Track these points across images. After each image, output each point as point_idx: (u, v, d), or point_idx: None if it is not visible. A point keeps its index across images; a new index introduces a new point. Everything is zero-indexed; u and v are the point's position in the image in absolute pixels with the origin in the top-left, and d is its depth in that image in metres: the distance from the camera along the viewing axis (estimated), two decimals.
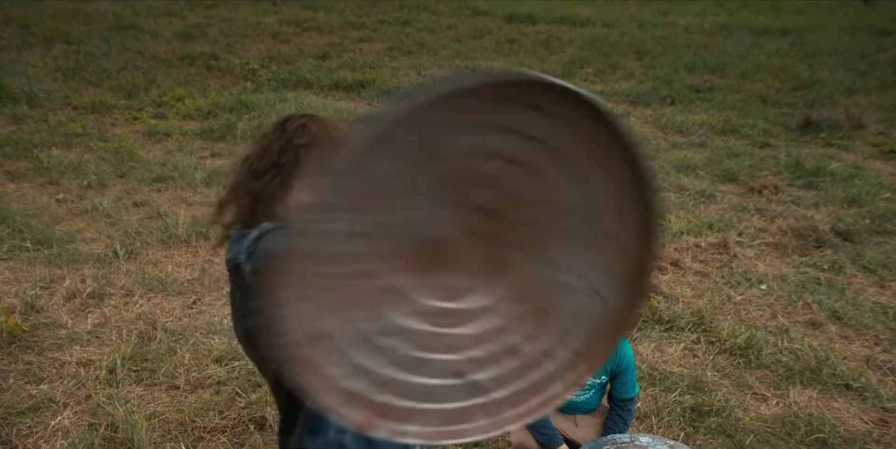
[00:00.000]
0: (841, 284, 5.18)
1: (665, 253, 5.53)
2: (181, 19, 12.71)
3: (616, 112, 1.33)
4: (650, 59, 11.33)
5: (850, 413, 3.84)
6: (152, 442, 3.45)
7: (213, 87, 9.45)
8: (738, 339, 4.39)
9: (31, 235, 5.62)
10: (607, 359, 1.34)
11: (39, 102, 8.67)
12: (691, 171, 7.23)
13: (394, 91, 9.52)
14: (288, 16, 13.20)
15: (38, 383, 3.89)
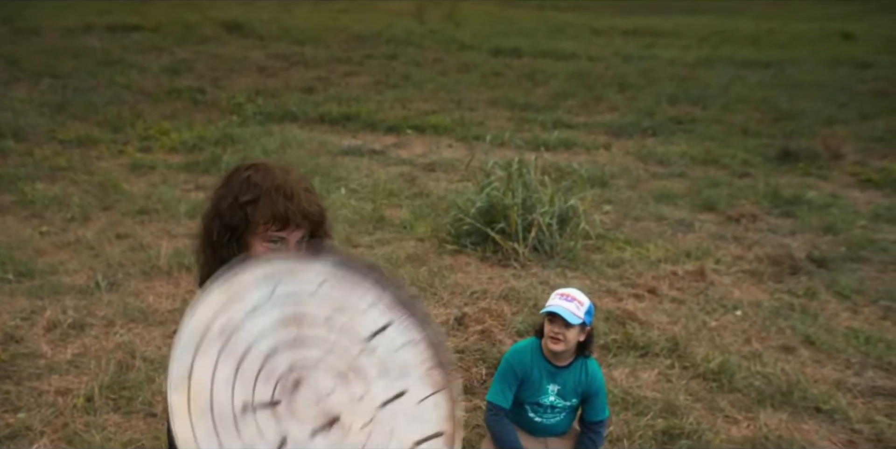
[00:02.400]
0: (815, 309, 5.25)
1: (643, 281, 5.60)
2: (169, 54, 12.88)
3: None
4: (633, 91, 11.51)
5: (820, 435, 3.89)
6: None
7: (199, 121, 9.56)
8: (712, 363, 4.44)
9: (14, 267, 5.65)
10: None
11: (25, 136, 8.75)
12: (671, 200, 7.32)
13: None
14: (275, 50, 13.38)
15: (16, 412, 3.90)
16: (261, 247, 1.84)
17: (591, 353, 3.35)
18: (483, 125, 9.72)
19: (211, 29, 14.90)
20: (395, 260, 5.79)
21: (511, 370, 3.30)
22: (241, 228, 1.83)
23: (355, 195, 7.22)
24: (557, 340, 3.18)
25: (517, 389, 3.30)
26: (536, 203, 6.06)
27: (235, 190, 1.84)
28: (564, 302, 3.18)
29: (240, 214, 1.82)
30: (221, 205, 1.84)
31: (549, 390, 3.29)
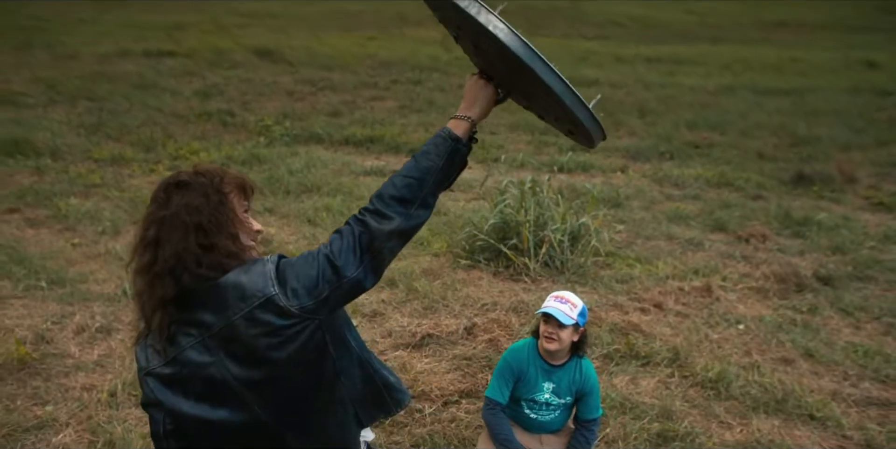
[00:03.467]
0: (817, 324, 5.37)
1: (649, 296, 5.75)
2: (201, 79, 13.28)
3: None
4: (653, 117, 11.69)
5: (811, 440, 4.01)
6: None
7: (228, 142, 9.88)
8: (710, 373, 4.58)
9: (46, 276, 5.93)
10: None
11: (62, 155, 9.12)
12: (683, 221, 7.47)
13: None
14: (304, 76, 13.75)
15: (44, 405, 4.15)
16: (249, 223, 1.99)
17: (584, 353, 3.52)
18: (502, 148, 9.95)
19: (242, 55, 15.33)
20: (411, 274, 5.99)
21: (508, 368, 3.48)
22: (226, 215, 1.90)
23: None
24: (552, 340, 3.35)
25: (514, 386, 3.48)
26: (548, 220, 6.26)
27: (202, 188, 1.91)
28: (559, 304, 3.36)
29: (217, 201, 1.89)
30: (189, 211, 1.88)
31: (545, 388, 3.46)
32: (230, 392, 1.90)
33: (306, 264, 1.87)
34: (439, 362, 4.80)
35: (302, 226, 7.12)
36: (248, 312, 1.83)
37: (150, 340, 1.93)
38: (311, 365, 1.91)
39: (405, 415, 4.22)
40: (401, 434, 4.06)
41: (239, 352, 1.87)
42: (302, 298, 1.84)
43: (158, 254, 1.87)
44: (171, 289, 1.86)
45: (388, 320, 5.30)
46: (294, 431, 1.96)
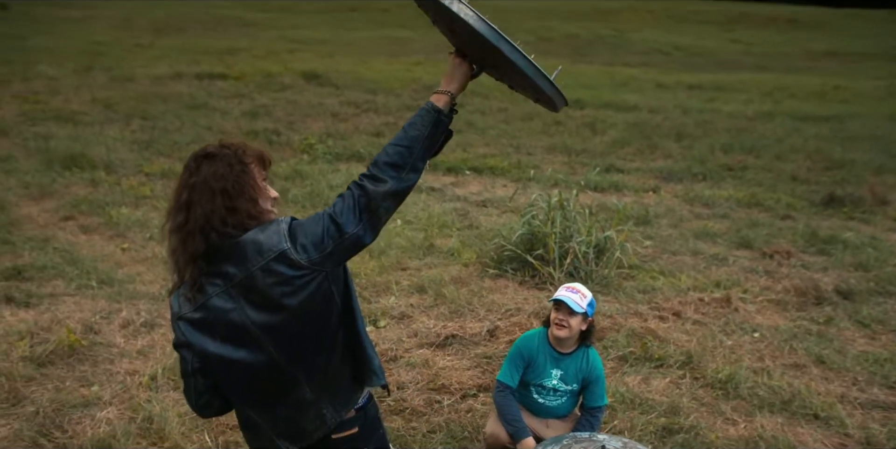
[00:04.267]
0: (832, 334, 5.50)
1: (669, 305, 5.92)
2: (250, 100, 13.79)
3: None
4: (689, 140, 11.84)
5: (813, 437, 4.16)
6: (181, 433, 3.97)
7: (273, 159, 10.27)
8: (720, 374, 4.75)
9: (97, 276, 6.32)
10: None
11: (115, 169, 9.59)
12: (709, 238, 7.62)
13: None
14: (349, 98, 14.18)
15: (90, 386, 4.48)
16: (267, 190, 2.29)
17: (591, 343, 3.75)
18: (538, 168, 10.19)
19: (291, 78, 15.85)
20: (440, 281, 6.24)
21: (519, 354, 3.72)
22: (247, 182, 2.20)
23: (410, 226, 7.73)
24: (562, 327, 3.60)
25: (524, 372, 3.71)
26: (574, 233, 6.48)
27: (227, 159, 2.20)
28: (570, 293, 3.62)
29: (239, 170, 2.19)
30: (217, 178, 2.17)
31: (553, 374, 3.69)
32: (249, 335, 2.20)
33: (313, 223, 2.16)
34: (461, 360, 5.03)
35: None
36: (265, 264, 2.13)
37: (182, 290, 2.23)
38: (318, 313, 2.20)
39: (424, 405, 4.46)
40: (419, 421, 4.30)
41: (257, 299, 2.16)
42: (310, 251, 2.13)
43: (190, 215, 2.18)
44: (200, 245, 2.17)
45: (415, 322, 5.56)
46: (303, 370, 2.24)
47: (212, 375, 2.28)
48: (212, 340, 2.23)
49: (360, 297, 5.94)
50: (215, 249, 2.18)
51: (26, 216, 7.95)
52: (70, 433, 3.99)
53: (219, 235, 2.17)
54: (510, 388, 3.70)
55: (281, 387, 2.29)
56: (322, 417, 2.32)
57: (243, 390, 2.32)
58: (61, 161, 9.79)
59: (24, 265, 6.48)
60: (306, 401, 2.30)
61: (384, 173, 2.20)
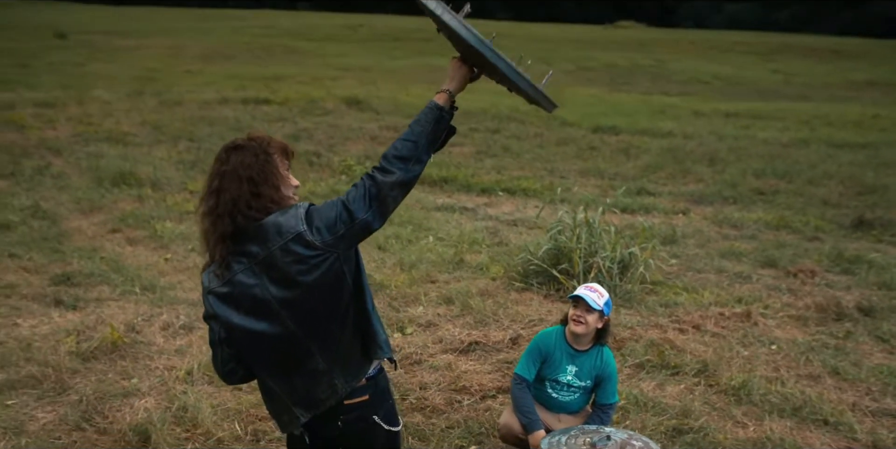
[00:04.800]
0: (849, 348, 5.59)
1: (689, 318, 6.06)
2: (293, 124, 14.22)
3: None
4: (721, 165, 11.95)
5: (821, 441, 4.28)
6: (214, 421, 4.22)
7: (312, 179, 10.62)
8: (734, 381, 4.88)
9: (140, 283, 6.65)
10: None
11: (161, 187, 9.99)
12: (735, 257, 7.73)
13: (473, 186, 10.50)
14: (388, 122, 14.53)
15: (130, 379, 4.76)
16: (289, 178, 2.54)
17: (606, 342, 3.94)
18: (570, 190, 10.38)
19: (333, 103, 16.29)
20: (467, 293, 6.44)
21: (537, 349, 3.93)
22: (270, 171, 2.45)
23: (441, 243, 7.96)
24: (579, 323, 3.81)
25: (540, 367, 3.91)
26: (599, 249, 6.66)
27: (253, 150, 2.47)
28: (588, 291, 3.84)
29: (264, 160, 2.45)
30: (245, 167, 2.43)
31: (568, 370, 3.89)
32: (269, 309, 2.44)
33: (328, 209, 2.42)
34: (482, 365, 5.23)
35: (372, 251, 7.68)
36: (283, 244, 2.38)
37: (212, 268, 2.49)
38: (331, 290, 2.44)
39: (445, 404, 4.66)
40: (438, 418, 4.50)
41: (277, 276, 2.42)
42: (324, 234, 2.38)
43: (220, 200, 2.44)
44: (228, 227, 2.43)
45: (441, 330, 5.77)
46: (317, 342, 2.48)
47: (235, 345, 2.53)
48: (236, 313, 2.48)
49: (389, 306, 6.22)
50: (242, 230, 2.43)
51: (76, 229, 8.35)
52: (110, 419, 4.26)
53: (244, 218, 2.42)
54: (527, 381, 3.90)
55: (297, 358, 2.52)
56: (333, 386, 2.55)
57: (263, 360, 2.56)
58: (111, 179, 10.23)
59: (72, 272, 6.83)
60: (319, 371, 2.53)
61: (393, 165, 2.44)
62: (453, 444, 4.22)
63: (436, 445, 4.19)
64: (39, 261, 7.17)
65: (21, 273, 6.86)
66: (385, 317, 5.96)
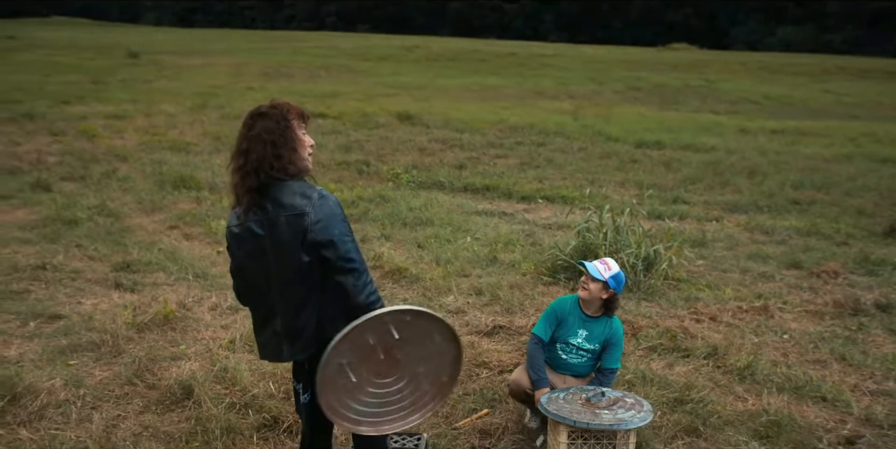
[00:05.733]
0: (860, 339, 5.80)
1: (708, 311, 6.33)
2: (345, 136, 14.80)
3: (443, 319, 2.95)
4: (760, 178, 12.12)
5: (815, 414, 4.53)
6: (251, 381, 4.65)
7: (360, 185, 11.12)
8: (740, 362, 5.14)
9: (193, 272, 7.15)
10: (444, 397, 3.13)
11: (217, 190, 10.57)
12: (762, 259, 7.95)
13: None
14: (437, 136, 15.02)
15: (178, 346, 5.23)
16: (305, 140, 3.03)
17: (613, 313, 4.29)
18: (608, 198, 10.67)
19: (385, 118, 16.85)
20: (497, 285, 6.80)
21: (553, 313, 4.31)
22: (289, 136, 2.95)
23: (478, 242, 8.34)
24: (583, 289, 4.20)
25: (555, 329, 4.27)
26: (624, 246, 6.98)
27: (275, 117, 2.96)
28: (598, 263, 4.23)
29: (284, 126, 2.95)
30: (267, 132, 2.92)
31: (579, 333, 4.25)
32: (265, 259, 2.97)
33: (334, 218, 2.91)
34: (504, 345, 5.59)
35: (412, 249, 8.09)
36: (288, 215, 2.90)
37: (237, 210, 3.00)
38: (304, 270, 2.94)
39: (465, 376, 5.02)
40: (458, 385, 4.85)
41: (276, 235, 2.93)
42: (315, 222, 2.88)
43: (247, 159, 2.95)
44: (254, 182, 2.92)
45: (468, 315, 6.14)
46: (280, 306, 3.02)
47: (241, 277, 3.11)
48: (241, 252, 3.03)
49: (422, 296, 6.61)
50: (265, 185, 2.92)
51: (138, 225, 8.94)
52: (158, 377, 4.73)
53: (266, 176, 2.93)
54: (543, 341, 4.26)
55: (265, 313, 3.09)
56: (280, 350, 3.08)
57: (251, 299, 3.16)
58: (172, 182, 10.88)
59: (132, 261, 7.38)
60: (276, 332, 3.06)
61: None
62: (467, 407, 4.58)
63: (451, 408, 4.55)
64: (103, 251, 7.73)
65: (86, 261, 7.43)
66: (416, 304, 6.36)
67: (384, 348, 2.86)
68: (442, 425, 4.34)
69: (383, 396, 2.96)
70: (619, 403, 3.82)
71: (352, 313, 2.86)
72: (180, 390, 4.50)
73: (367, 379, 2.90)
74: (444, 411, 4.52)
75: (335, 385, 2.83)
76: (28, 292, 6.48)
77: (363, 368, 2.86)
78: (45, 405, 4.26)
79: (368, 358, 2.86)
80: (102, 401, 4.45)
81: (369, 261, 7.53)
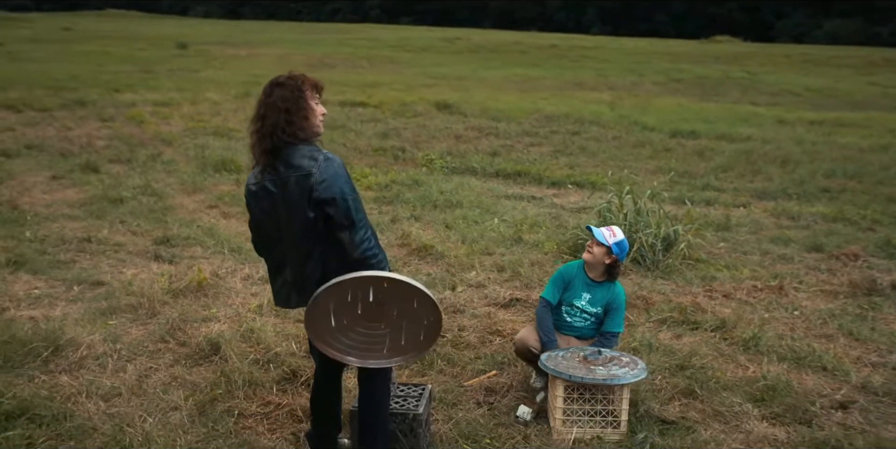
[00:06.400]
0: (871, 316, 5.91)
1: (722, 289, 6.49)
2: (384, 124, 15.09)
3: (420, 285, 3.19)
4: (793, 166, 12.13)
5: (813, 382, 4.69)
6: (274, 341, 4.96)
7: (395, 170, 11.40)
8: (745, 333, 5.31)
9: (229, 246, 7.48)
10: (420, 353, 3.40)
11: None
12: (783, 243, 8.04)
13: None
14: (474, 124, 15.24)
15: (209, 310, 5.56)
16: (316, 108, 3.32)
17: (616, 278, 4.51)
18: (638, 185, 10.80)
19: (423, 107, 17.11)
20: (519, 263, 7.03)
21: (561, 277, 4.56)
22: (302, 105, 3.26)
23: (504, 224, 8.56)
24: (588, 252, 4.44)
25: (562, 293, 4.50)
26: (644, 226, 7.16)
27: (290, 87, 3.27)
28: (604, 230, 4.46)
29: (298, 95, 3.27)
30: (283, 100, 3.24)
31: (583, 296, 4.49)
32: (277, 212, 3.27)
33: (338, 178, 3.21)
34: (519, 316, 5.82)
35: (440, 229, 8.34)
36: (297, 175, 3.20)
37: (256, 169, 3.27)
38: (309, 224, 3.23)
39: (478, 342, 5.28)
40: (469, 351, 5.12)
41: (287, 193, 3.24)
42: (320, 182, 3.17)
43: (264, 123, 3.27)
44: (268, 144, 3.24)
45: (487, 289, 6.38)
46: (290, 257, 3.34)
47: (258, 232, 3.44)
48: (257, 208, 3.35)
49: (446, 271, 6.86)
50: (279, 147, 3.24)
51: (179, 204, 9.32)
52: (189, 335, 5.06)
53: (279, 140, 3.25)
54: (551, 304, 4.50)
55: (277, 263, 3.42)
56: (290, 297, 3.41)
57: (266, 251, 3.48)
58: (213, 165, 11.26)
59: (172, 236, 7.74)
60: (286, 281, 3.39)
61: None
62: (477, 369, 4.82)
63: (461, 369, 4.81)
64: (145, 227, 8.11)
65: (129, 235, 7.82)
66: (440, 279, 6.63)
67: (364, 303, 3.19)
68: (450, 383, 4.60)
69: (369, 337, 3.29)
70: (614, 361, 4.03)
71: (351, 267, 3.15)
72: (208, 347, 4.82)
73: (354, 322, 3.25)
74: (454, 371, 4.78)
75: (322, 325, 3.23)
76: (74, 262, 6.87)
77: (345, 315, 3.22)
78: (84, 357, 4.62)
79: (349, 309, 3.21)
80: (136, 355, 4.80)
81: (397, 239, 7.83)
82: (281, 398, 4.29)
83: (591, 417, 3.98)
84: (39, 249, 7.17)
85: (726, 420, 4.19)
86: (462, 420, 4.09)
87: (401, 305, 3.22)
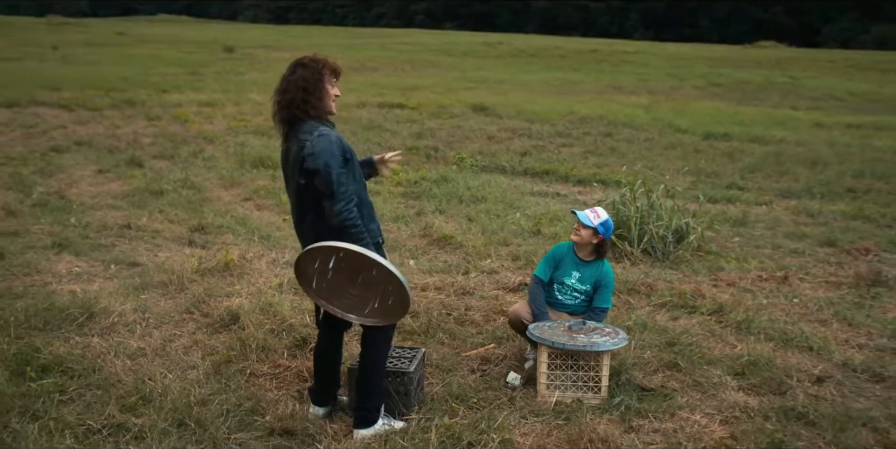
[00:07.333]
0: (869, 305, 6.08)
1: (728, 278, 6.70)
2: (419, 125, 15.46)
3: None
4: (821, 167, 12.21)
5: (797, 360, 4.91)
6: (290, 314, 5.32)
7: (426, 168, 11.74)
8: (739, 316, 5.54)
9: (258, 234, 7.89)
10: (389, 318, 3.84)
11: None
12: (798, 238, 8.21)
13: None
14: (507, 125, 15.55)
15: (233, 286, 5.96)
16: (331, 91, 3.68)
17: (604, 256, 4.81)
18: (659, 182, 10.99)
19: (460, 109, 17.45)
20: (534, 253, 7.31)
21: (552, 256, 4.87)
22: (318, 86, 3.69)
23: (525, 217, 8.85)
24: (576, 234, 4.74)
25: (553, 271, 4.80)
26: (656, 218, 7.40)
27: (312, 68, 3.71)
28: (588, 212, 4.76)
29: (317, 77, 3.70)
30: (303, 79, 3.69)
31: (573, 275, 4.79)
32: (286, 174, 3.79)
33: (325, 152, 3.59)
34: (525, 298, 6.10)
35: (462, 221, 8.66)
36: (297, 146, 3.66)
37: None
38: (304, 188, 3.68)
39: (482, 320, 5.59)
40: (473, 328, 5.43)
41: (289, 160, 3.76)
42: (310, 154, 3.60)
43: (283, 97, 3.73)
44: (285, 115, 3.72)
45: (499, 274, 6.69)
46: (295, 216, 3.81)
47: (288, 184, 3.87)
48: (285, 164, 3.82)
49: (463, 259, 7.17)
50: (293, 120, 3.70)
51: (216, 197, 9.78)
52: (212, 307, 5.47)
53: (292, 114, 3.70)
54: (543, 281, 4.81)
55: (293, 216, 3.92)
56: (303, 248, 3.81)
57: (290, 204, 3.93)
58: (251, 162, 11.74)
59: (206, 224, 8.18)
60: (303, 234, 3.87)
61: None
62: (476, 342, 5.14)
63: (461, 342, 5.13)
64: (182, 216, 8.57)
65: (166, 223, 8.28)
66: (455, 266, 6.95)
67: (337, 270, 3.63)
68: (449, 353, 4.92)
69: (351, 297, 3.76)
70: (596, 331, 4.32)
71: (334, 233, 3.58)
72: (228, 318, 5.22)
73: (338, 283, 3.71)
74: (455, 343, 5.10)
75: (306, 286, 3.80)
76: (113, 246, 7.34)
77: (322, 280, 3.71)
78: (115, 323, 5.06)
79: (324, 274, 3.68)
80: (163, 323, 5.22)
81: (420, 230, 8.17)
82: (290, 362, 4.66)
83: (573, 383, 4.26)
84: (82, 233, 7.66)
85: (704, 390, 4.45)
86: (454, 383, 4.42)
87: (367, 273, 3.60)
